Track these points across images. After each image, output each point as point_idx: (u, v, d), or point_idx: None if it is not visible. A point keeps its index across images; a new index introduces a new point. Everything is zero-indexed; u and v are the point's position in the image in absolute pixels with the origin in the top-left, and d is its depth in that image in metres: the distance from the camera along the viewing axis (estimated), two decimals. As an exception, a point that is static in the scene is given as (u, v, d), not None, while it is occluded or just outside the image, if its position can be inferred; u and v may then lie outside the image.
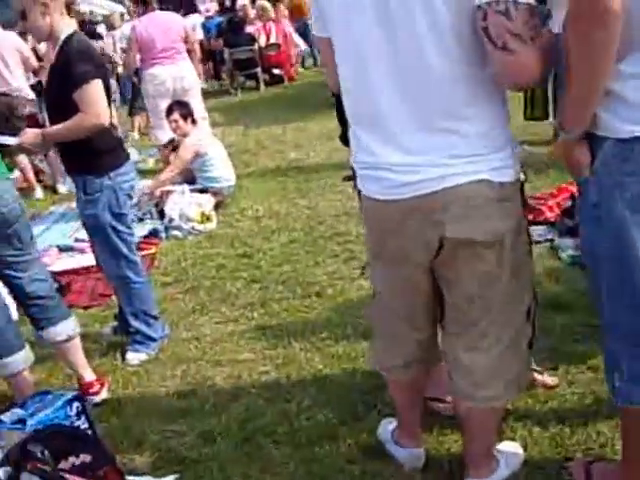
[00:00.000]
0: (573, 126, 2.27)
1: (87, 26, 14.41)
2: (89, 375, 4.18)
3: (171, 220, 6.86)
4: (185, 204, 6.92)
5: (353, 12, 2.34)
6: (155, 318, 4.71)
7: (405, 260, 2.58)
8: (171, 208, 6.94)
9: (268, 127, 11.56)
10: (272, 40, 16.32)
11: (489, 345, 2.62)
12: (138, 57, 9.07)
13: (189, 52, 9.29)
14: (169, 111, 7.74)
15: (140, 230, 6.84)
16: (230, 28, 16.16)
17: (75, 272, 6.14)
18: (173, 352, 4.61)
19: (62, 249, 6.77)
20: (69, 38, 4.06)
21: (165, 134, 9.06)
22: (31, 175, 9.30)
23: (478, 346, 2.63)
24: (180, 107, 7.73)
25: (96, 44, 11.90)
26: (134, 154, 10.37)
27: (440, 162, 2.35)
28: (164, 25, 9.03)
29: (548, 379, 3.63)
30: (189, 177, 7.76)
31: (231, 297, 5.32)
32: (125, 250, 4.48)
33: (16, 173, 9.78)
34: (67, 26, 4.11)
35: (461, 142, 2.34)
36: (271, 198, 7.62)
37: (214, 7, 17.91)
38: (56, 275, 5.99)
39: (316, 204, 7.15)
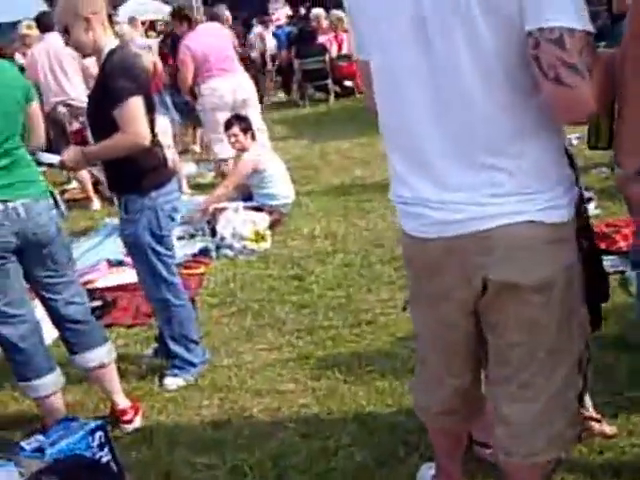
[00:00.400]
0: (630, 159, 2.14)
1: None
2: (123, 401, 4.16)
3: (223, 239, 6.82)
4: (239, 222, 6.87)
5: (389, 37, 2.23)
6: (195, 343, 4.68)
7: (444, 299, 2.44)
8: (223, 226, 6.91)
9: (335, 141, 11.50)
10: (344, 51, 16.26)
11: (532, 397, 2.46)
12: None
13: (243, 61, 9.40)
14: (228, 125, 7.72)
15: (190, 248, 6.85)
16: (301, 38, 16.18)
17: (122, 288, 6.13)
18: (212, 379, 4.57)
19: (112, 263, 6.80)
20: (111, 53, 4.06)
21: (224, 148, 9.04)
22: (89, 186, 9.39)
23: (519, 397, 2.48)
24: (239, 121, 7.71)
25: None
26: (192, 168, 10.45)
27: (483, 200, 2.20)
28: (215, 37, 9.14)
29: (606, 427, 3.45)
30: (245, 193, 7.73)
31: (278, 323, 5.25)
32: (164, 272, 4.46)
33: (74, 184, 9.92)
34: (110, 40, 4.12)
35: (507, 179, 2.19)
36: (330, 217, 7.55)
37: (284, 14, 17.90)
38: (103, 291, 6.04)
39: (375, 225, 7.05)
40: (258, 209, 7.30)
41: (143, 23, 17.41)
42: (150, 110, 4.19)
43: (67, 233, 3.96)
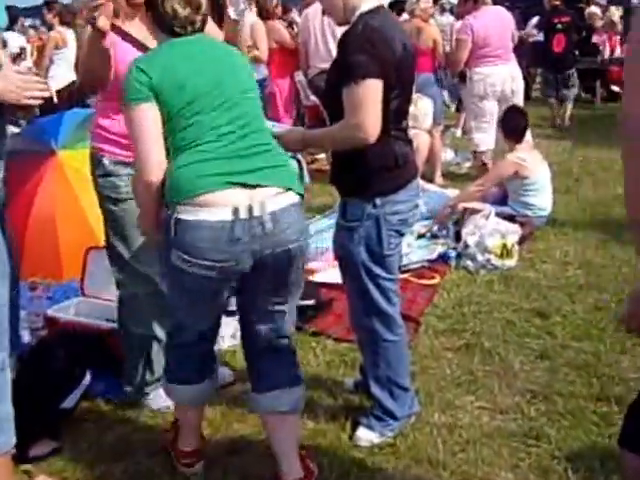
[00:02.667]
0: None
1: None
2: (293, 468, 2.99)
3: (466, 246, 5.54)
4: (487, 231, 5.56)
5: None
6: (404, 389, 3.45)
7: None
8: (470, 232, 5.62)
9: (597, 150, 9.80)
10: (617, 54, 14.27)
11: None
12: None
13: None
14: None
15: (429, 251, 5.63)
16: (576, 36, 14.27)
17: (343, 289, 4.99)
18: (414, 442, 3.35)
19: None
20: (360, 17, 2.98)
21: (485, 139, 7.76)
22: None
23: None
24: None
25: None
26: (449, 155, 9.17)
27: None
28: (500, 22, 7.75)
29: None
30: (499, 196, 6.43)
31: (509, 374, 3.96)
32: (379, 300, 3.26)
33: (323, 154, 8.89)
34: (366, 1, 3.01)
35: None
36: (586, 241, 6.06)
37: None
38: (320, 287, 4.98)
39: (638, 262, 5.52)
40: (511, 218, 5.94)
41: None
42: (402, 98, 3.05)
43: (304, 208, 2.82)
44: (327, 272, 5.23)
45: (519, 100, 7.78)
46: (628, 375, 3.89)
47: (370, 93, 2.87)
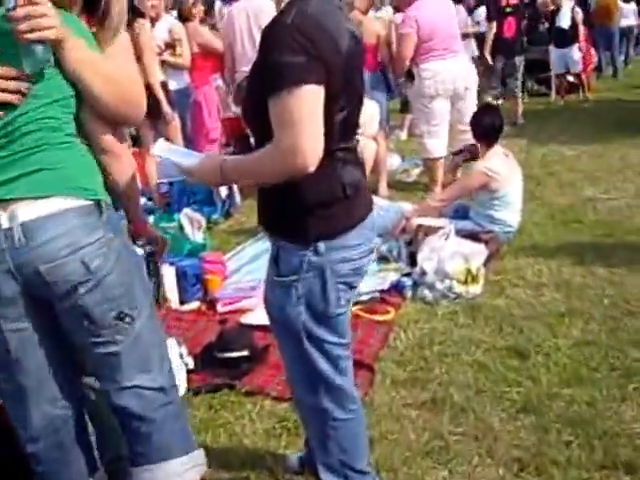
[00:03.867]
0: None
1: None
2: None
3: (423, 273, 4.89)
4: (447, 253, 4.91)
5: None
6: (362, 474, 2.72)
7: None
8: (427, 256, 4.96)
9: (557, 146, 9.29)
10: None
11: None
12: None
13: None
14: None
15: (380, 281, 4.98)
16: (526, 24, 13.78)
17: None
18: None
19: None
20: (291, 2, 2.26)
21: (439, 144, 7.18)
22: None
23: None
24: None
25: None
26: (396, 161, 8.56)
27: None
28: (444, 11, 7.24)
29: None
30: (458, 208, 5.83)
31: (488, 436, 3.30)
32: (327, 370, 2.52)
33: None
34: None
35: None
36: (559, 256, 5.45)
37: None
38: (255, 330, 4.33)
39: (622, 279, 4.96)
40: (474, 236, 5.30)
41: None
42: (350, 108, 2.34)
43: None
44: (262, 309, 4.55)
45: (472, 98, 7.25)
46: (634, 430, 3.28)
47: (307, 105, 2.14)
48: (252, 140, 2.49)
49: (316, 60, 2.13)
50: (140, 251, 2.74)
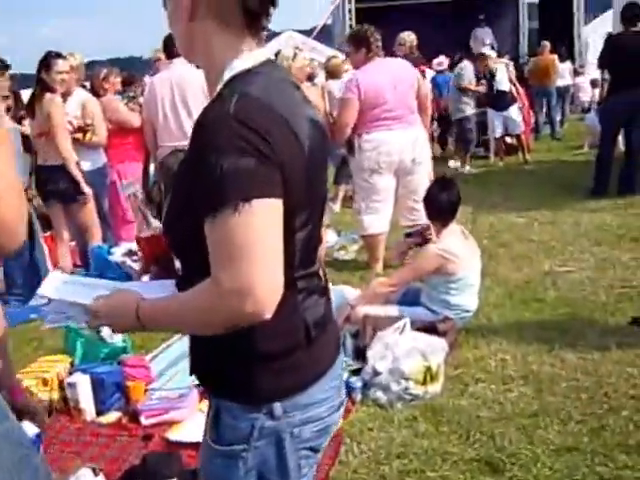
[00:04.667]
0: None
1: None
2: None
3: (376, 374, 4.40)
4: (402, 350, 4.43)
5: None
6: None
7: None
8: (380, 354, 4.48)
9: (505, 214, 8.98)
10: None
11: None
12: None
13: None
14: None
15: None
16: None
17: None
18: None
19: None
20: (230, 83, 1.75)
21: (379, 221, 6.78)
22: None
23: None
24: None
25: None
26: (331, 237, 8.13)
27: None
28: (396, 75, 6.71)
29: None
30: (408, 292, 5.40)
31: None
32: None
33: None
34: (245, 58, 1.78)
35: None
36: (522, 342, 5.03)
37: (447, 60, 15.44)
38: (184, 448, 3.85)
39: (596, 367, 4.55)
40: (430, 328, 4.84)
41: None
42: (313, 221, 1.83)
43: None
44: (193, 422, 4.06)
45: (424, 172, 6.83)
46: None
47: (261, 227, 1.61)
48: (177, 264, 1.92)
49: (270, 163, 1.62)
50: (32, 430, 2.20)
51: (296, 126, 1.71)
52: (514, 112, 12.97)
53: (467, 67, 13.19)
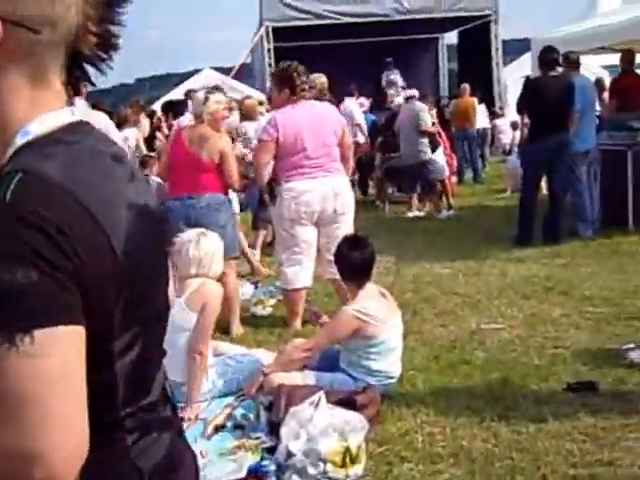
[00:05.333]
0: None
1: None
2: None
3: (290, 455, 3.97)
4: (318, 428, 4.01)
5: None
6: None
7: None
8: (293, 432, 4.05)
9: (429, 264, 8.67)
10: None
11: None
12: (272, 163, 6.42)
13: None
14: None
15: (233, 466, 4.05)
16: (388, 129, 13.43)
17: None
18: None
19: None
20: (16, 156, 1.23)
21: (301, 274, 6.39)
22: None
23: None
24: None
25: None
26: (248, 289, 7.72)
27: None
28: (317, 121, 6.35)
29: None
30: (326, 357, 5.03)
31: None
32: None
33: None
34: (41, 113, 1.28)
35: None
36: (451, 412, 4.64)
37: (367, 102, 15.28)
38: None
39: (531, 442, 4.19)
40: (349, 401, 4.45)
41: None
42: (146, 339, 1.35)
43: None
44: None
45: (348, 223, 6.45)
46: None
47: (49, 369, 1.13)
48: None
49: (62, 275, 1.14)
50: None
51: (110, 219, 1.24)
52: (439, 156, 12.76)
53: (424, 109, 12.77)
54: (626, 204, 9.51)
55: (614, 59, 11.86)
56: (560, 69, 9.36)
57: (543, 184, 10.25)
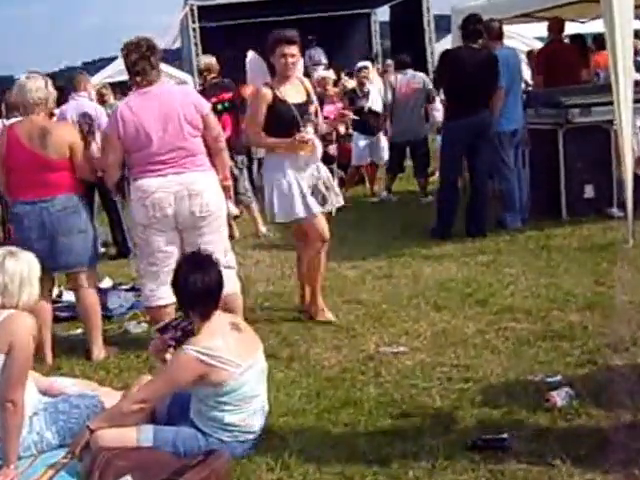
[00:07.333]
0: None
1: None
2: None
3: None
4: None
5: None
6: None
7: None
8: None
9: (336, 263, 7.36)
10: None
11: None
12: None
13: (210, 152, 5.39)
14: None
15: None
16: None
17: None
18: None
19: None
20: None
21: (159, 290, 5.27)
22: None
23: None
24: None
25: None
26: (114, 300, 6.64)
27: None
28: (166, 108, 5.17)
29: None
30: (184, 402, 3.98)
31: None
32: None
33: None
34: None
35: None
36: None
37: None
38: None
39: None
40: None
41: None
42: None
43: None
44: None
45: (215, 228, 5.26)
46: None
47: None
48: None
49: None
50: None
51: None
52: (382, 139, 11.68)
53: None
54: (558, 191, 8.45)
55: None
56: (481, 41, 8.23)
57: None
